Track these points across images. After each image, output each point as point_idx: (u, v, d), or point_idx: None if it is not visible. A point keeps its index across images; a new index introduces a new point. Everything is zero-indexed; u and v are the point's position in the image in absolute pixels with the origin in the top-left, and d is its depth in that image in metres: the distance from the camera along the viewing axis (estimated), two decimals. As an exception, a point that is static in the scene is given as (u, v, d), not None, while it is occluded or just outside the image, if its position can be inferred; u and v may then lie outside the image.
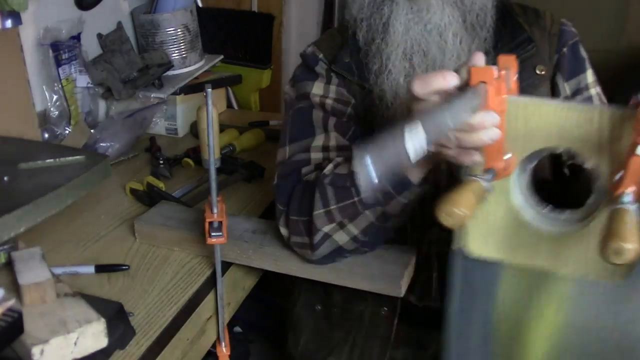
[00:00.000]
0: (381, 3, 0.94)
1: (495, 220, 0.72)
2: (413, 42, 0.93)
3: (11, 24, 1.18)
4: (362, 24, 0.98)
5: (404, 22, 0.92)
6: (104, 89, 1.53)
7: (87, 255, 1.04)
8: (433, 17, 0.92)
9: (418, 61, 0.93)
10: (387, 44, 0.94)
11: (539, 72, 0.97)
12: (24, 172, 0.79)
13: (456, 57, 0.92)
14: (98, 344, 0.76)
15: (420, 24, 0.92)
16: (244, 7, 2.16)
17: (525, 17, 1.02)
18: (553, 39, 1.00)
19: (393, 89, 0.94)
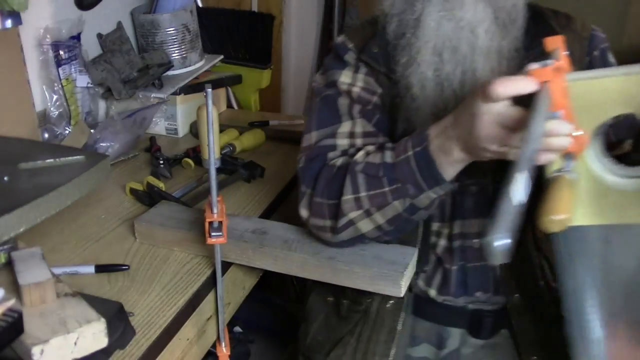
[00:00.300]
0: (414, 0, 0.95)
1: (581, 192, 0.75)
2: (444, 38, 0.94)
3: (11, 24, 1.18)
4: (393, 19, 0.99)
5: (436, 19, 0.93)
6: (104, 89, 1.53)
7: (87, 255, 1.04)
8: (466, 15, 0.93)
9: (447, 57, 0.94)
10: (417, 38, 0.95)
11: None
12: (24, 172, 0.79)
13: (486, 54, 0.93)
14: (98, 344, 0.76)
15: (452, 21, 0.93)
16: (244, 7, 2.16)
17: (557, 21, 1.03)
18: (584, 43, 1.01)
19: (420, 81, 0.95)
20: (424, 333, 1.07)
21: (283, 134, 1.60)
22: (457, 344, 1.05)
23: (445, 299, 1.04)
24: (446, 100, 0.95)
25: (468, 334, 1.05)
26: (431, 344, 1.07)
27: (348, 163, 0.94)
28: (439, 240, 1.03)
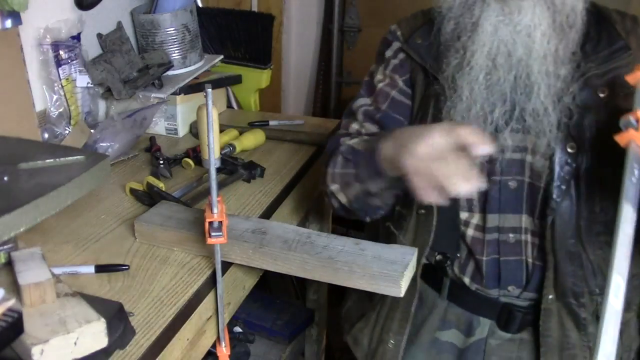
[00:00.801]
0: (473, 4, 0.98)
1: None
2: (500, 43, 0.96)
3: (11, 24, 1.18)
4: (450, 21, 1.02)
5: (494, 23, 0.96)
6: (104, 89, 1.53)
7: (87, 255, 1.04)
8: (523, 19, 0.95)
9: (501, 61, 0.97)
10: (473, 42, 0.98)
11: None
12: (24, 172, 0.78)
13: (542, 57, 0.95)
14: (98, 344, 0.76)
15: (510, 26, 0.95)
16: (244, 7, 2.16)
17: (623, 25, 1.02)
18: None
19: (470, 84, 0.99)
20: (455, 318, 1.12)
21: (283, 134, 1.60)
22: (485, 334, 1.09)
23: (478, 288, 1.07)
24: (494, 103, 0.98)
25: (496, 326, 1.08)
26: (460, 331, 1.11)
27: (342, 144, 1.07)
28: (467, 230, 1.06)
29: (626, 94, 0.96)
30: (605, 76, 0.99)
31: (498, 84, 0.98)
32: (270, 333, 1.72)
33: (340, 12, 2.33)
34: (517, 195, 1.03)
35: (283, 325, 1.73)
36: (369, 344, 1.18)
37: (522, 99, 0.98)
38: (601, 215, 1.00)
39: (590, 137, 0.98)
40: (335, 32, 2.34)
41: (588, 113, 0.99)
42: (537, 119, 0.98)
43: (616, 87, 0.98)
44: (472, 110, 0.99)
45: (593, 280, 1.02)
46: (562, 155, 0.99)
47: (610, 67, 0.99)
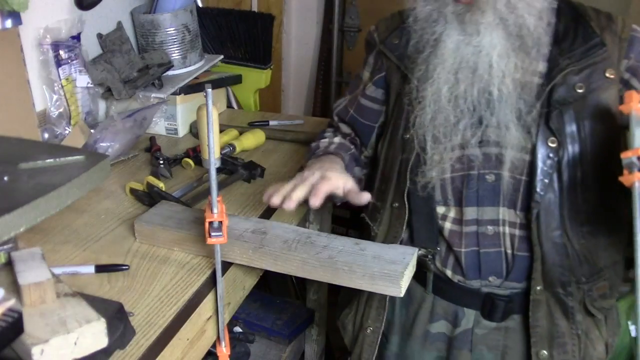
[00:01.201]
0: (435, 21, 1.04)
1: None
2: (462, 60, 1.02)
3: (11, 24, 1.18)
4: (416, 34, 1.08)
5: (455, 42, 1.02)
6: (104, 89, 1.53)
7: (87, 255, 1.05)
8: (482, 41, 1.01)
9: (463, 76, 1.03)
10: (436, 56, 1.04)
11: (609, 76, 1.03)
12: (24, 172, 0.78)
13: (502, 77, 1.01)
14: (98, 344, 0.76)
15: (470, 46, 1.02)
16: (244, 7, 2.16)
17: (598, 21, 1.07)
18: (623, 44, 1.05)
19: (434, 95, 1.05)
20: (442, 311, 1.15)
21: (283, 134, 1.60)
22: (471, 324, 1.13)
23: (460, 280, 1.10)
24: (460, 114, 1.04)
25: (481, 316, 1.12)
26: (448, 322, 1.15)
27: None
28: (445, 224, 1.09)
29: (603, 89, 1.03)
30: (582, 72, 1.03)
31: (462, 97, 1.03)
32: (270, 333, 1.72)
33: (340, 12, 2.34)
34: (495, 188, 1.06)
35: (283, 325, 1.73)
36: (353, 329, 1.24)
37: (487, 114, 1.03)
38: (584, 206, 1.03)
39: (571, 131, 1.03)
40: (335, 32, 2.34)
41: (567, 108, 1.03)
42: (500, 134, 1.03)
43: (593, 82, 1.03)
44: (436, 121, 1.05)
45: (579, 270, 1.06)
46: (544, 150, 1.02)
47: (586, 64, 1.03)
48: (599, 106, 1.03)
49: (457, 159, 1.06)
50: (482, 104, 1.03)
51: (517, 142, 1.03)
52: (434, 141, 1.06)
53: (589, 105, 1.03)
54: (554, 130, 1.02)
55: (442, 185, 1.08)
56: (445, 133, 1.05)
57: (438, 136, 1.05)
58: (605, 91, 1.03)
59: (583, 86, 1.03)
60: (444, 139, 1.05)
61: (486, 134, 1.04)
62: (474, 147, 1.05)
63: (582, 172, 1.03)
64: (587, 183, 1.03)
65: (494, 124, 1.03)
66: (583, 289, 1.07)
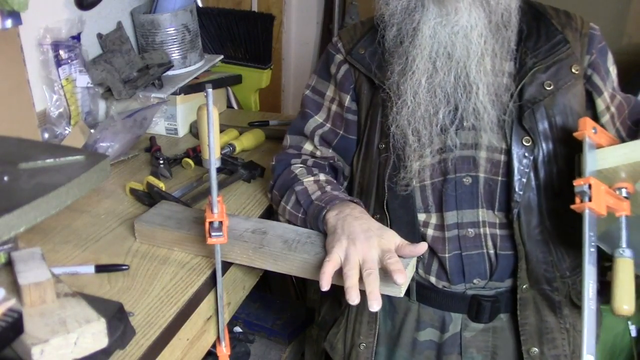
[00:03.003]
0: (413, 10, 1.03)
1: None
2: (439, 45, 1.01)
3: (11, 24, 1.18)
4: (393, 28, 1.06)
5: (432, 26, 1.01)
6: (104, 89, 1.53)
7: (87, 255, 1.05)
8: (460, 20, 0.99)
9: (441, 64, 1.01)
10: (414, 47, 1.03)
11: (575, 72, 1.05)
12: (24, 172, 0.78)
13: (480, 57, 1.00)
14: (98, 344, 0.76)
15: (447, 27, 1.00)
16: (244, 7, 2.16)
17: (558, 19, 1.08)
18: (584, 40, 1.07)
19: (414, 88, 1.03)
20: (428, 318, 1.14)
21: (283, 134, 1.59)
22: (459, 328, 1.12)
23: (445, 286, 1.10)
24: (437, 104, 1.03)
25: (468, 318, 1.11)
26: (435, 328, 1.14)
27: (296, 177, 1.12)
28: (427, 230, 1.09)
29: (570, 84, 1.04)
30: (549, 70, 1.05)
31: (440, 86, 1.02)
32: (270, 333, 1.72)
33: (340, 12, 2.33)
34: (472, 190, 1.06)
35: (283, 325, 1.73)
36: (344, 348, 1.19)
37: (463, 99, 1.02)
38: (560, 201, 1.03)
39: (543, 129, 1.04)
40: (335, 32, 2.34)
41: (538, 107, 1.04)
42: (478, 117, 1.02)
43: (560, 79, 1.05)
44: (417, 114, 1.03)
45: (562, 264, 1.07)
46: (519, 150, 1.03)
47: (552, 61, 1.05)
48: (568, 102, 1.05)
49: (435, 164, 1.06)
50: (459, 89, 1.02)
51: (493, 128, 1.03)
52: (415, 135, 1.04)
53: (559, 102, 1.04)
54: (528, 129, 1.03)
55: (422, 192, 1.07)
56: (425, 125, 1.03)
57: (419, 129, 1.04)
58: (573, 87, 1.05)
59: (551, 83, 1.04)
60: (424, 131, 1.03)
61: (462, 120, 1.04)
62: (451, 151, 1.04)
63: (558, 168, 1.04)
64: (563, 178, 1.04)
65: (470, 109, 1.02)
66: (567, 282, 1.08)
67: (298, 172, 1.13)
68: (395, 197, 1.08)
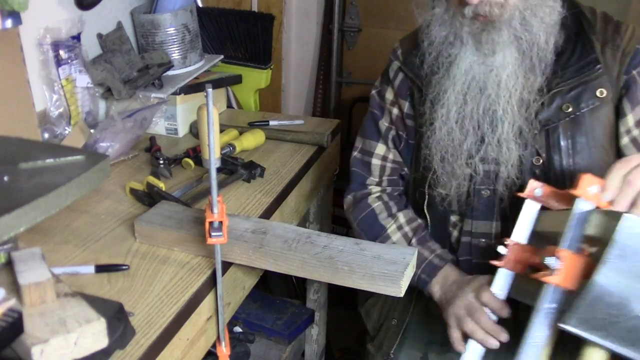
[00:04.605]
0: (451, 43, 1.05)
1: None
2: (472, 80, 1.03)
3: (11, 24, 1.18)
4: (431, 56, 1.09)
5: (469, 63, 1.02)
6: (104, 89, 1.53)
7: (87, 255, 1.04)
8: (496, 60, 1.00)
9: (472, 96, 1.03)
10: (448, 77, 1.05)
11: (600, 95, 1.01)
12: (24, 172, 0.78)
13: (508, 96, 1.01)
14: (98, 344, 0.76)
15: (483, 65, 1.02)
16: (244, 7, 2.16)
17: (603, 34, 1.03)
18: (625, 59, 1.01)
19: (443, 117, 1.07)
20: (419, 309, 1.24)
21: (283, 134, 1.60)
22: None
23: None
24: (465, 134, 1.05)
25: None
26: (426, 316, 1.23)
27: (382, 226, 1.20)
28: (454, 232, 1.15)
29: (591, 109, 1.01)
30: (572, 91, 1.02)
31: (469, 117, 1.04)
32: (270, 333, 1.72)
33: (340, 12, 2.33)
34: (489, 203, 1.09)
35: (283, 325, 1.73)
36: (378, 318, 1.29)
37: (489, 131, 1.04)
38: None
39: (559, 149, 1.03)
40: (335, 32, 2.34)
41: (555, 128, 1.03)
42: (500, 152, 1.04)
43: (582, 101, 1.02)
44: (444, 142, 1.08)
45: None
46: (531, 167, 1.05)
47: (578, 82, 1.02)
48: (590, 126, 1.02)
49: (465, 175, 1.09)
50: (486, 121, 1.04)
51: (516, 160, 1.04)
52: (442, 160, 1.08)
53: (579, 123, 1.02)
54: (537, 148, 1.04)
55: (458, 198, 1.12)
56: (452, 153, 1.08)
57: (445, 156, 1.08)
58: (596, 110, 1.02)
59: (570, 106, 1.02)
60: (451, 159, 1.07)
61: (487, 151, 1.05)
62: (477, 164, 1.07)
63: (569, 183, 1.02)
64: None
65: (495, 142, 1.04)
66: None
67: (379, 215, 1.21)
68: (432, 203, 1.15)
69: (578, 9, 1.06)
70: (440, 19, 1.05)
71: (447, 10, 1.04)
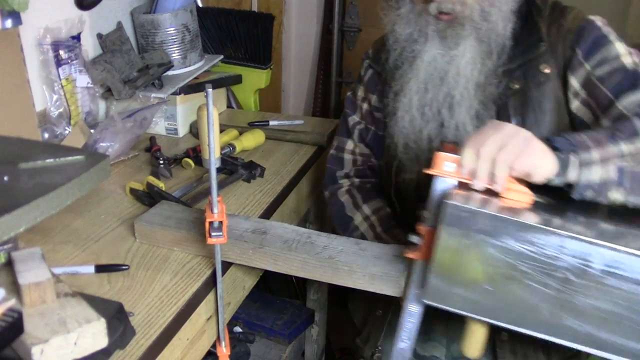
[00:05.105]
0: (415, 40, 1.10)
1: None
2: (434, 70, 1.08)
3: (11, 24, 1.18)
4: (396, 52, 1.14)
5: (432, 56, 1.08)
6: (104, 89, 1.53)
7: (87, 255, 1.05)
8: (458, 51, 1.06)
9: (432, 85, 1.09)
10: (411, 70, 1.11)
11: (544, 71, 1.06)
12: (24, 172, 0.78)
13: (465, 82, 1.07)
14: (98, 344, 0.76)
15: (446, 57, 1.07)
16: (244, 7, 2.16)
17: (550, 17, 1.08)
18: (568, 36, 1.06)
19: (405, 107, 1.12)
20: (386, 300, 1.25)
21: (283, 134, 1.60)
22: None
23: None
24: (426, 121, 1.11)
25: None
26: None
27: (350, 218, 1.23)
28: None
29: (537, 85, 1.06)
30: (518, 70, 1.07)
31: (429, 105, 1.10)
32: (270, 333, 1.72)
33: (340, 12, 2.33)
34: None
35: (283, 325, 1.73)
36: (364, 311, 1.31)
37: (448, 116, 1.09)
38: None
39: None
40: (335, 32, 2.34)
41: (504, 107, 1.07)
42: (458, 135, 1.08)
43: (529, 78, 1.07)
44: (407, 130, 1.13)
45: None
46: None
47: (523, 61, 1.07)
48: (537, 101, 1.06)
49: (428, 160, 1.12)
50: (445, 107, 1.09)
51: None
52: (405, 147, 1.14)
53: (527, 100, 1.06)
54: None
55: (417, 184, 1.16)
56: (414, 139, 1.12)
57: (408, 143, 1.13)
58: (542, 85, 1.06)
59: (517, 83, 1.07)
60: (414, 145, 1.12)
61: (446, 135, 1.09)
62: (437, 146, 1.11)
63: None
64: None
65: (453, 126, 1.08)
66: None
67: (347, 208, 1.24)
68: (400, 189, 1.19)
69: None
70: (405, 18, 1.10)
71: (412, 9, 1.09)
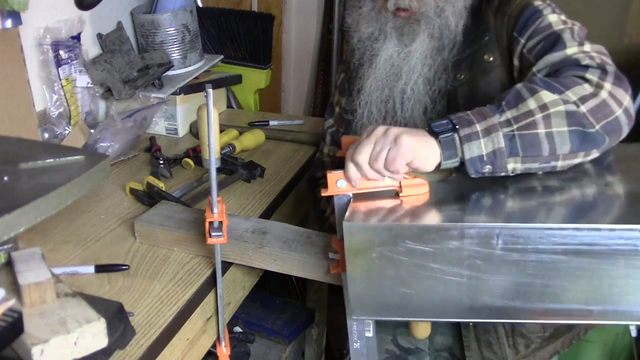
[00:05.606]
0: (376, 39, 1.12)
1: None
2: (390, 67, 1.11)
3: (11, 24, 1.18)
4: (358, 51, 1.17)
5: (390, 52, 1.11)
6: (104, 89, 1.53)
7: (87, 255, 1.05)
8: (412, 47, 1.08)
9: (389, 81, 1.12)
10: (371, 68, 1.13)
11: (488, 59, 1.07)
12: (24, 172, 0.78)
13: (416, 77, 1.09)
14: (98, 344, 0.76)
15: (401, 53, 1.10)
16: (244, 7, 2.16)
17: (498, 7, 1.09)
18: (510, 22, 1.07)
19: (364, 103, 1.14)
20: None
21: (283, 134, 1.60)
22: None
23: None
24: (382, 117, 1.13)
25: None
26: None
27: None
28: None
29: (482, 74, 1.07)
30: (465, 60, 1.08)
31: (385, 101, 1.12)
32: (270, 333, 1.72)
33: (340, 12, 2.33)
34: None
35: (283, 325, 1.73)
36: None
37: (399, 111, 1.11)
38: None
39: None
40: (335, 32, 2.34)
41: (453, 99, 1.08)
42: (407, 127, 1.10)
43: (473, 68, 1.08)
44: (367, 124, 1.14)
45: None
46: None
47: (469, 52, 1.08)
48: (483, 89, 1.07)
49: None
50: (397, 102, 1.11)
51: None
52: None
53: (474, 90, 1.07)
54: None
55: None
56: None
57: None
58: (487, 73, 1.07)
59: (463, 73, 1.08)
60: None
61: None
62: None
63: None
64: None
65: (403, 121, 1.10)
66: None
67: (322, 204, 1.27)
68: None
69: None
70: (367, 17, 1.13)
71: (373, 8, 1.12)
